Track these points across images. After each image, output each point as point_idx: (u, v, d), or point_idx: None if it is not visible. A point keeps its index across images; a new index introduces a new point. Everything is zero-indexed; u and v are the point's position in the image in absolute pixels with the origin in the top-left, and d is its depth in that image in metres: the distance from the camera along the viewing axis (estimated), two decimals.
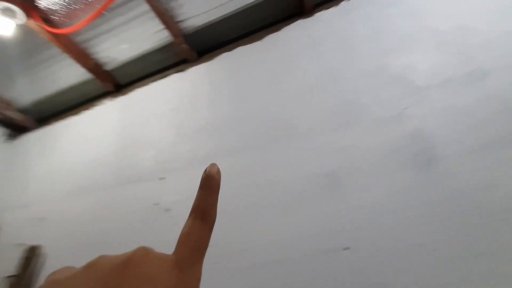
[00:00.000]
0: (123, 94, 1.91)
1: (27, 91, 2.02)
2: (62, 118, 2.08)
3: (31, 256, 1.32)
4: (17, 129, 2.23)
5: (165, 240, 1.21)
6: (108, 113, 1.90)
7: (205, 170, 0.23)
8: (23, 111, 2.16)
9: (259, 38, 1.58)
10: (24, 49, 1.75)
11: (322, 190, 1.05)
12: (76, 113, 2.03)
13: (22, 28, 1.49)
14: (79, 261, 0.18)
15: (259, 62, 1.51)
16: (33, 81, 1.95)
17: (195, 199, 0.23)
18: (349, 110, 1.17)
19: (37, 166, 1.90)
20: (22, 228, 1.54)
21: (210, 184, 0.23)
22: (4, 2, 1.32)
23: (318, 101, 1.24)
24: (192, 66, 1.74)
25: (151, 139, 1.55)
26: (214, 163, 0.24)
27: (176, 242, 0.21)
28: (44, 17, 1.52)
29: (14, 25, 1.43)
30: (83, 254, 1.25)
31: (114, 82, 1.95)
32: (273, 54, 1.48)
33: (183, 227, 0.22)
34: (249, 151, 1.26)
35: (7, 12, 1.35)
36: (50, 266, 1.33)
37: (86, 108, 2.01)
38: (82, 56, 1.76)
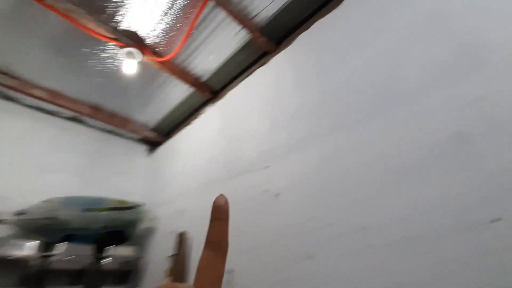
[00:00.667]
0: (219, 98, 2.14)
1: (153, 113, 2.55)
2: (180, 130, 2.53)
3: (182, 240, 1.69)
4: (152, 144, 2.86)
5: (276, 222, 1.28)
6: (211, 118, 2.18)
7: (214, 201, 0.24)
8: (153, 129, 2.75)
9: (337, 4, 1.45)
10: (144, 80, 2.21)
11: (449, 156, 0.88)
12: (188, 123, 2.42)
13: (140, 64, 1.87)
14: None
15: (341, 29, 1.39)
16: (155, 104, 2.43)
17: (208, 231, 0.24)
18: (470, 52, 0.93)
19: (170, 171, 2.38)
20: (171, 218, 1.98)
21: (219, 215, 0.24)
22: (127, 47, 1.69)
23: (425, 49, 1.03)
24: (273, 56, 1.77)
25: (250, 133, 1.68)
26: (222, 194, 0.25)
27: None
28: (153, 50, 1.86)
29: (136, 64, 1.81)
30: None
31: (211, 89, 2.21)
32: (356, 14, 1.33)
33: (200, 259, 0.24)
34: (351, 127, 1.18)
35: (129, 55, 1.73)
36: (195, 247, 1.66)
37: (195, 118, 2.37)
38: (184, 74, 2.07)
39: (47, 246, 1.69)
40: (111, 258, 1.88)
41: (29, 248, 1.63)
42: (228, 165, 1.76)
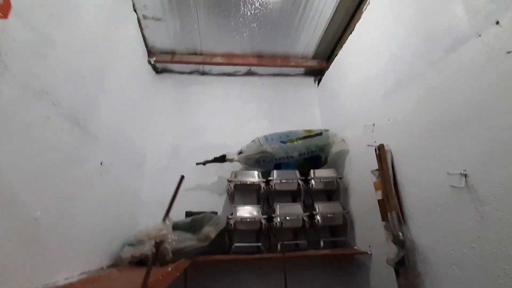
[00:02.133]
0: None
1: (309, 40, 2.41)
2: (341, 46, 2.26)
3: (381, 153, 1.54)
4: (319, 73, 2.77)
5: None
6: (373, 19, 1.73)
7: None
8: (314, 57, 2.63)
9: None
10: (289, 8, 2.07)
11: None
12: (347, 36, 2.10)
13: None
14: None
15: None
16: (308, 28, 2.26)
17: None
18: None
19: (343, 91, 2.21)
20: (362, 136, 1.85)
21: None
22: None
23: None
24: None
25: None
26: None
27: None
28: None
29: None
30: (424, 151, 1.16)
31: None
32: None
33: None
34: None
35: None
36: (397, 158, 1.47)
37: (352, 29, 2.01)
38: None
39: (265, 174, 2.09)
40: (314, 180, 2.06)
41: (256, 175, 2.09)
42: (416, 55, 1.34)
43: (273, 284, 2.00)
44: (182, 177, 0.86)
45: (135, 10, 1.97)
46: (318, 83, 2.78)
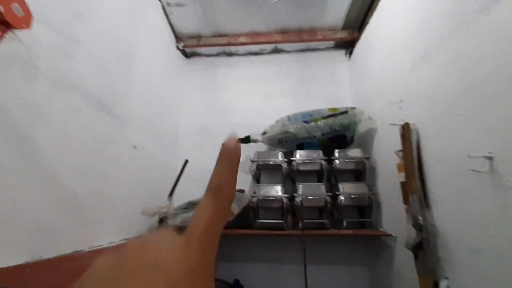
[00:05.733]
0: None
1: (336, 9, 2.23)
2: (372, 12, 2.05)
3: (406, 132, 1.42)
4: (349, 45, 2.57)
5: None
6: None
7: (223, 143, 0.22)
8: (344, 28, 2.44)
9: None
10: None
11: None
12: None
13: None
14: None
15: None
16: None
17: (212, 174, 0.21)
18: None
19: (373, 64, 2.03)
20: (388, 113, 1.72)
21: (228, 157, 0.21)
22: None
23: None
24: None
25: None
26: (234, 136, 0.22)
27: None
28: None
29: None
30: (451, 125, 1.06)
31: None
32: None
33: (198, 204, 0.21)
34: None
35: None
36: (424, 137, 1.34)
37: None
38: None
39: (289, 154, 2.10)
40: (339, 160, 2.01)
41: (279, 156, 2.12)
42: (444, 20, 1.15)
43: (293, 260, 2.09)
44: (186, 161, 0.94)
45: None
46: (350, 56, 2.59)
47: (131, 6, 1.68)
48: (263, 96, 2.61)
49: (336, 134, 2.04)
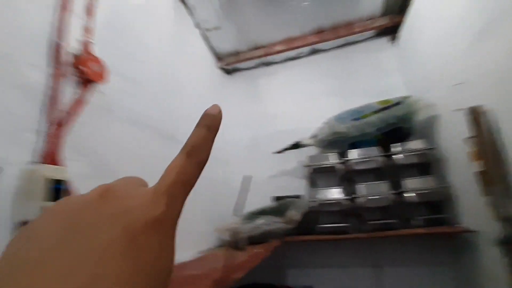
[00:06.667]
0: None
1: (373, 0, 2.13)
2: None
3: (476, 116, 1.28)
4: (391, 31, 2.42)
5: None
6: None
7: (205, 110, 0.22)
8: (384, 14, 2.30)
9: None
10: None
11: None
12: None
13: None
14: None
15: None
16: None
17: (189, 136, 0.21)
18: None
19: (422, 44, 1.87)
20: (450, 97, 1.56)
21: (207, 123, 0.22)
22: None
23: None
24: None
25: None
26: (216, 104, 0.23)
27: None
28: None
29: None
30: None
31: None
32: None
33: (171, 162, 0.20)
34: None
35: None
36: (498, 120, 1.18)
37: None
38: None
39: (342, 155, 2.05)
40: (402, 154, 1.88)
41: (331, 157, 2.07)
42: None
43: (362, 263, 1.99)
44: (248, 178, 1.00)
45: (197, 27, 2.22)
46: (394, 42, 2.42)
47: (174, 39, 1.86)
48: (306, 99, 2.59)
49: (392, 127, 1.92)
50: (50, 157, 0.86)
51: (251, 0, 2.06)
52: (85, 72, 0.99)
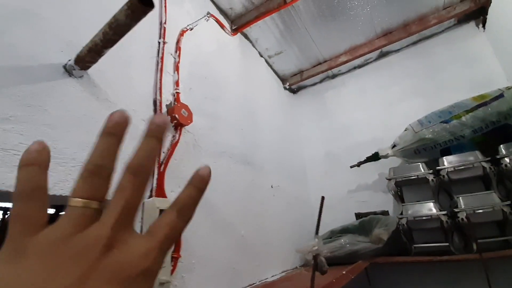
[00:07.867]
0: None
1: None
2: None
3: None
4: (477, 15, 2.08)
5: None
6: None
7: (197, 169, 0.24)
8: None
9: None
10: None
11: None
12: None
13: None
14: None
15: None
16: None
17: (180, 192, 0.23)
18: None
19: None
20: None
21: (197, 184, 0.23)
22: None
23: None
24: None
25: None
26: (207, 166, 0.24)
27: None
28: None
29: None
30: None
31: None
32: None
33: (158, 218, 0.22)
34: None
35: None
36: None
37: None
38: None
39: (432, 163, 1.80)
40: (509, 158, 1.55)
41: (420, 167, 1.85)
42: None
43: None
44: (323, 198, 1.01)
45: (261, 56, 2.39)
46: (484, 26, 2.07)
47: (244, 72, 2.05)
48: (381, 106, 2.42)
49: (494, 126, 1.61)
50: (158, 190, 1.07)
51: (309, 20, 2.11)
52: (177, 118, 1.21)
